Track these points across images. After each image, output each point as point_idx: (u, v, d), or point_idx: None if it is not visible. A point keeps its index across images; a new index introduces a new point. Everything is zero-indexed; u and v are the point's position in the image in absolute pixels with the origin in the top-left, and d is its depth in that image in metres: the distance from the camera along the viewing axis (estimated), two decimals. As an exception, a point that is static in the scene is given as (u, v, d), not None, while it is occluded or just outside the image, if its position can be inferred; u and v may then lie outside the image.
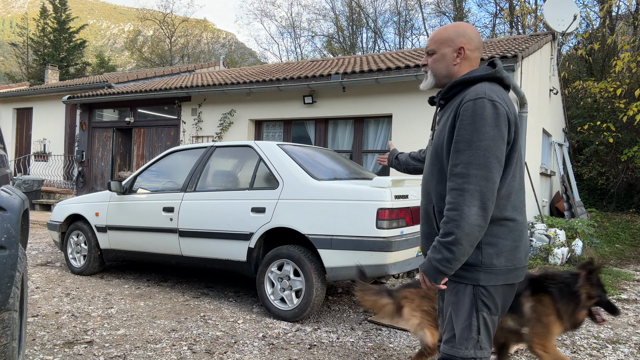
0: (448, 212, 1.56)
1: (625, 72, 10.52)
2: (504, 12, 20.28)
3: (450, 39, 1.73)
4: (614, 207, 12.99)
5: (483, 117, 1.54)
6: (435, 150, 1.71)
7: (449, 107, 1.71)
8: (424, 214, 1.80)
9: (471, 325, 1.63)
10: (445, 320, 1.71)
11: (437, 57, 1.76)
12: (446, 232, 1.55)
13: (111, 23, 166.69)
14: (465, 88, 1.67)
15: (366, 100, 8.33)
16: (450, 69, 1.74)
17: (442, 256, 1.56)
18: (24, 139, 15.32)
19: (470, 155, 1.53)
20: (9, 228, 1.94)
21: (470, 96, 1.59)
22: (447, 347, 1.66)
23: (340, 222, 3.69)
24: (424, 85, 1.81)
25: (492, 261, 1.62)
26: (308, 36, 41.39)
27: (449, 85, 1.72)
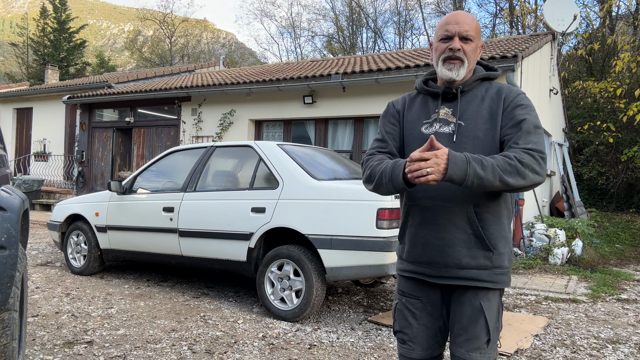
0: (525, 164, 1.49)
1: (625, 72, 10.52)
2: (504, 12, 20.28)
3: (480, 31, 1.69)
4: (614, 207, 12.99)
5: (534, 108, 1.67)
6: (477, 139, 1.61)
7: (474, 100, 1.66)
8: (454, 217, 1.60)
9: (498, 327, 1.65)
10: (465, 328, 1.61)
11: (474, 47, 1.66)
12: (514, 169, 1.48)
13: (111, 23, 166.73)
14: (482, 82, 1.71)
15: (366, 100, 8.34)
16: (475, 62, 1.71)
17: (485, 176, 1.45)
18: (24, 139, 15.32)
19: (539, 136, 1.59)
20: (9, 228, 1.94)
21: (515, 89, 1.68)
22: (479, 355, 1.60)
23: (340, 222, 3.69)
24: (458, 74, 1.64)
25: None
26: (308, 36, 41.41)
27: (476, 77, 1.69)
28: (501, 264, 1.61)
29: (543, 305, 4.65)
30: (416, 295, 1.71)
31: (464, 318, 1.61)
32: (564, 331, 3.85)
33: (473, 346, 1.59)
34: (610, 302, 4.86)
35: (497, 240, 1.61)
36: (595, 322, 4.15)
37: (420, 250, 1.66)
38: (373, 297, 4.78)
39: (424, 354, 1.70)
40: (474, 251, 1.59)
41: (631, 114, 8.54)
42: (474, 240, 1.59)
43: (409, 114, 1.75)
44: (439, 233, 1.61)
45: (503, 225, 1.63)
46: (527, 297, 4.94)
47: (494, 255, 1.60)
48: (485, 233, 1.59)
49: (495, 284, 1.61)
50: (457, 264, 1.60)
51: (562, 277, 5.93)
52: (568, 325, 4.01)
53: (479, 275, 1.60)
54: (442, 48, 1.65)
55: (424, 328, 1.69)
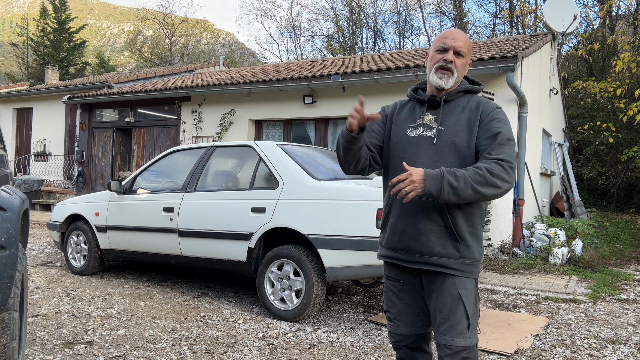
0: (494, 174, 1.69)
1: (625, 72, 10.52)
2: (504, 12, 20.28)
3: (471, 50, 1.93)
4: (614, 207, 12.99)
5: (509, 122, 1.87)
6: (454, 145, 1.82)
7: (455, 109, 1.88)
8: (429, 210, 1.80)
9: (476, 312, 1.83)
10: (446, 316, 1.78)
11: (464, 62, 1.89)
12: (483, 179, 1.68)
13: (111, 23, 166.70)
14: (465, 95, 1.92)
15: (366, 100, 8.29)
16: (462, 76, 1.92)
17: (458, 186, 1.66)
18: (24, 139, 15.33)
19: (510, 148, 1.77)
20: (9, 228, 1.94)
21: (492, 104, 1.89)
22: (462, 339, 1.76)
23: (340, 222, 3.69)
24: (447, 83, 1.86)
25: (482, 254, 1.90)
26: (308, 36, 41.38)
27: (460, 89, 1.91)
28: (469, 255, 1.81)
29: (543, 305, 4.65)
30: (397, 278, 1.95)
31: (445, 307, 1.79)
32: (564, 331, 3.85)
33: (456, 332, 1.76)
34: (610, 302, 4.86)
35: (465, 234, 1.80)
36: (595, 322, 4.15)
37: (397, 238, 1.89)
38: (373, 297, 4.78)
39: (408, 330, 1.93)
40: (444, 241, 1.80)
41: (631, 114, 8.54)
42: (444, 231, 1.80)
43: (398, 118, 1.98)
44: (415, 224, 1.83)
45: (473, 223, 1.83)
46: (527, 297, 4.94)
47: (462, 247, 1.80)
48: (455, 226, 1.79)
49: (464, 272, 1.80)
50: (429, 251, 1.81)
51: (562, 277, 5.93)
52: (568, 325, 4.01)
53: (448, 263, 1.80)
54: (438, 58, 1.87)
55: (406, 307, 1.92)
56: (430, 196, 1.67)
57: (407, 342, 1.94)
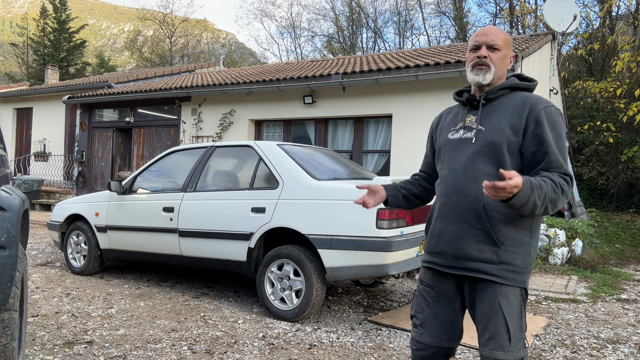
0: (564, 192, 1.64)
1: (625, 72, 10.52)
2: (504, 12, 20.28)
3: (510, 44, 1.85)
4: (614, 207, 12.99)
5: (562, 124, 1.75)
6: (493, 145, 1.73)
7: (499, 108, 1.79)
8: (466, 212, 1.72)
9: (522, 325, 1.70)
10: (486, 327, 1.69)
11: (502, 55, 1.82)
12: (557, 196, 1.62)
13: (111, 23, 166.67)
14: (512, 92, 1.82)
15: (366, 100, 8.34)
16: (504, 71, 1.85)
17: (539, 204, 1.58)
18: (24, 139, 15.32)
19: (567, 157, 1.71)
20: (9, 228, 1.94)
21: (541, 101, 1.75)
22: (502, 353, 1.65)
23: (340, 222, 3.69)
24: (485, 78, 1.80)
25: (532, 263, 1.75)
26: (308, 36, 41.39)
27: (502, 85, 1.82)
28: (510, 262, 1.69)
29: (543, 305, 4.65)
30: (431, 284, 1.86)
31: (484, 317, 1.70)
32: (564, 331, 3.85)
33: (496, 344, 1.66)
34: (610, 302, 4.86)
35: (506, 238, 1.68)
36: (595, 322, 4.15)
37: (435, 241, 1.83)
38: (373, 297, 4.78)
39: (432, 340, 1.82)
40: (482, 245, 1.70)
41: (631, 114, 8.53)
42: (481, 234, 1.70)
43: (443, 124, 1.96)
44: (451, 227, 1.76)
45: (517, 227, 1.70)
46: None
47: (502, 251, 1.68)
48: (493, 229, 1.68)
49: (505, 280, 1.68)
50: (465, 255, 1.72)
51: (562, 277, 5.93)
52: (568, 325, 4.01)
53: (486, 268, 1.69)
54: (472, 57, 1.84)
55: (434, 316, 1.83)
56: (511, 207, 1.57)
57: (427, 352, 1.84)
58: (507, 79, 1.86)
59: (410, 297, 4.81)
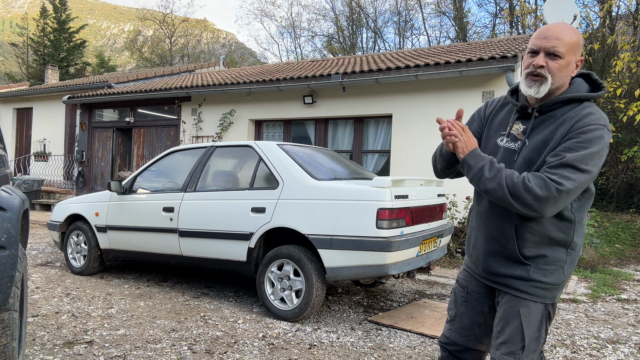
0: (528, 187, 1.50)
1: (625, 72, 10.51)
2: (504, 12, 20.29)
3: (578, 47, 1.58)
4: (614, 207, 12.99)
5: (600, 146, 1.51)
6: (532, 163, 1.60)
7: (549, 121, 1.61)
8: (496, 231, 1.68)
9: (540, 337, 1.65)
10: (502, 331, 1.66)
11: (563, 64, 1.57)
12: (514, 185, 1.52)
13: (111, 23, 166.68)
14: (569, 104, 1.60)
15: (366, 100, 8.34)
16: (566, 80, 1.61)
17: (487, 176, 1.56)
18: (24, 139, 15.33)
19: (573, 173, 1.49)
20: (9, 228, 1.94)
21: (590, 117, 1.53)
22: (511, 359, 1.63)
23: (340, 222, 3.69)
24: (539, 91, 1.59)
25: (565, 280, 1.67)
26: (308, 36, 41.39)
27: (559, 98, 1.60)
28: (540, 279, 1.62)
29: (543, 305, 4.65)
30: (464, 285, 1.86)
31: (502, 321, 1.68)
32: (564, 331, 3.85)
33: (507, 349, 1.63)
34: (610, 302, 4.86)
35: (538, 257, 1.62)
36: (595, 322, 4.15)
37: (471, 249, 1.83)
38: (373, 297, 4.78)
39: (459, 338, 1.83)
40: (510, 263, 1.66)
41: (631, 114, 8.53)
42: (508, 253, 1.66)
43: (493, 121, 1.80)
44: (483, 242, 1.74)
45: (548, 246, 1.62)
46: (527, 297, 4.94)
47: (532, 269, 1.62)
48: (522, 250, 1.62)
49: (534, 297, 1.63)
50: (494, 271, 1.71)
51: (562, 277, 5.92)
52: (568, 325, 4.01)
53: (516, 284, 1.66)
54: (527, 63, 1.62)
55: (462, 315, 1.83)
56: (462, 168, 1.63)
57: (453, 347, 1.85)
58: (572, 82, 1.64)
59: (410, 298, 4.82)
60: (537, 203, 1.48)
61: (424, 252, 4.01)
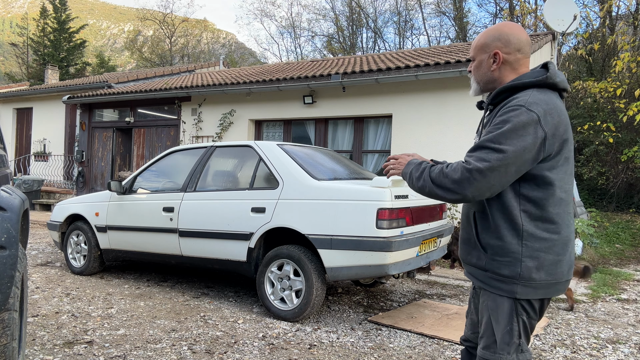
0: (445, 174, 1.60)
1: (625, 72, 10.52)
2: (504, 12, 20.29)
3: (486, 45, 1.74)
4: (614, 207, 12.99)
5: (513, 124, 1.52)
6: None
7: (494, 112, 1.71)
8: (464, 218, 1.80)
9: (512, 330, 1.65)
10: (481, 324, 1.74)
11: (476, 64, 1.79)
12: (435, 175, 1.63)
13: (111, 23, 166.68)
14: (513, 94, 1.64)
15: (366, 100, 8.34)
16: (489, 75, 1.74)
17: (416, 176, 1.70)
18: (24, 139, 15.33)
19: (485, 153, 1.54)
20: (9, 228, 1.94)
21: (511, 104, 1.58)
22: (488, 353, 1.67)
23: (340, 222, 3.69)
24: (471, 92, 1.85)
25: (532, 275, 1.60)
26: (308, 36, 41.40)
27: (495, 92, 1.71)
28: (494, 270, 1.65)
29: (543, 305, 4.65)
30: (473, 284, 1.89)
31: (479, 315, 1.77)
32: (564, 331, 3.85)
33: (484, 343, 1.71)
34: (610, 302, 4.86)
35: (488, 247, 1.67)
36: (595, 322, 4.15)
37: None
38: (373, 297, 4.78)
39: (470, 335, 1.92)
40: (475, 251, 1.73)
41: (631, 114, 8.53)
42: (474, 240, 1.74)
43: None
44: (462, 231, 1.83)
45: (499, 236, 1.63)
46: (527, 297, 4.94)
47: (487, 259, 1.67)
48: (478, 237, 1.72)
49: (489, 287, 1.68)
50: (466, 259, 1.80)
51: (562, 277, 5.92)
52: (568, 325, 4.01)
53: (477, 274, 1.74)
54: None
55: (471, 312, 1.92)
56: (404, 176, 1.78)
57: (468, 344, 1.94)
58: (524, 74, 1.69)
59: (410, 297, 4.82)
60: (454, 186, 1.57)
61: (424, 252, 4.01)
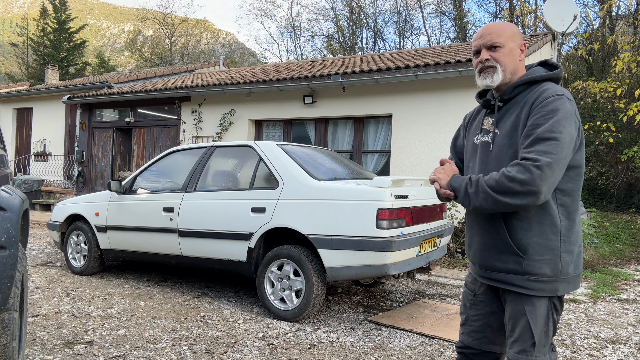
0: (510, 178, 1.52)
1: (625, 72, 10.52)
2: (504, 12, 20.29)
3: (515, 35, 1.72)
4: (614, 207, 12.99)
5: (563, 112, 1.55)
6: (506, 149, 1.66)
7: (514, 107, 1.69)
8: (487, 223, 1.71)
9: (548, 330, 1.66)
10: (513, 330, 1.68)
11: (506, 51, 1.69)
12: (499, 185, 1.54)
13: (111, 23, 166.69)
14: (529, 87, 1.68)
15: (366, 100, 8.34)
16: (516, 65, 1.72)
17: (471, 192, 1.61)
18: (24, 139, 15.32)
19: (547, 145, 1.52)
20: (9, 228, 1.94)
21: (550, 91, 1.60)
22: (525, 357, 1.64)
23: (340, 222, 3.69)
24: (493, 80, 1.71)
25: (568, 270, 1.63)
26: (308, 36, 41.41)
27: (515, 83, 1.70)
28: (534, 271, 1.61)
29: (543, 305, 4.65)
30: (471, 288, 1.88)
31: (511, 320, 1.69)
32: (564, 331, 3.85)
33: (519, 348, 1.66)
34: (610, 302, 4.86)
35: (529, 247, 1.61)
36: (595, 322, 4.15)
37: (467, 250, 1.86)
38: (373, 297, 4.78)
39: (472, 342, 1.85)
40: (504, 255, 1.66)
41: (631, 114, 8.53)
42: (502, 244, 1.66)
43: (471, 126, 1.91)
44: (477, 237, 1.76)
45: (537, 232, 1.61)
46: (527, 297, 4.93)
47: (525, 262, 1.62)
48: (513, 239, 1.63)
49: (530, 290, 1.63)
50: (490, 266, 1.72)
51: (562, 277, 5.92)
52: (568, 325, 4.01)
53: (510, 279, 1.66)
54: (475, 63, 1.77)
55: (472, 318, 1.86)
56: (451, 197, 1.69)
57: (469, 351, 1.87)
58: (530, 69, 1.75)
59: (410, 297, 4.82)
60: (526, 187, 1.50)
61: (424, 252, 4.01)
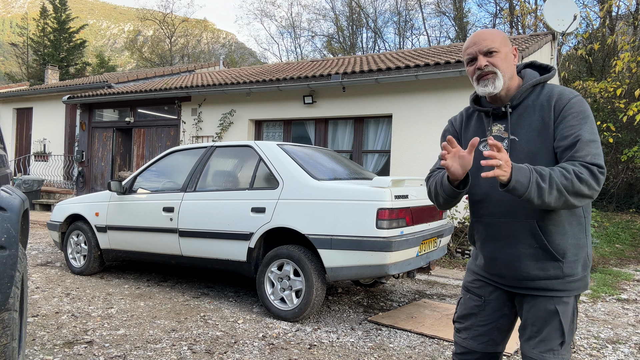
0: (582, 180, 1.48)
1: (625, 72, 10.52)
2: (504, 12, 20.30)
3: (506, 39, 1.71)
4: (614, 207, 12.99)
5: (590, 113, 1.59)
6: (533, 155, 1.60)
7: (527, 112, 1.65)
8: (518, 233, 1.64)
9: (573, 328, 1.67)
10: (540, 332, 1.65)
11: (503, 56, 1.67)
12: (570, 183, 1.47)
13: (111, 23, 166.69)
14: (533, 90, 1.69)
15: (366, 100, 8.34)
16: (513, 69, 1.70)
17: (544, 187, 1.46)
18: (24, 139, 15.33)
19: (597, 148, 1.54)
20: (9, 228, 1.94)
21: (566, 94, 1.61)
22: (552, 356, 1.63)
23: (340, 222, 3.69)
24: (495, 87, 1.66)
25: (591, 263, 1.69)
26: (308, 36, 41.43)
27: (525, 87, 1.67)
28: (573, 272, 1.63)
29: (543, 305, 4.65)
30: (479, 294, 1.80)
31: (539, 321, 1.65)
32: (564, 331, 3.84)
33: (546, 347, 1.63)
34: (610, 302, 4.85)
35: (566, 249, 1.61)
36: (595, 322, 4.15)
37: (489, 263, 1.74)
38: (373, 297, 4.78)
39: (476, 346, 1.80)
40: (542, 263, 1.62)
41: (631, 114, 8.53)
42: (541, 253, 1.62)
43: (467, 134, 1.80)
44: (505, 249, 1.67)
45: (570, 234, 1.61)
46: (527, 297, 4.94)
47: (565, 265, 1.62)
48: (552, 245, 1.61)
49: (570, 292, 1.64)
50: (526, 276, 1.65)
51: (562, 277, 5.92)
52: (568, 325, 4.01)
53: (552, 285, 1.63)
54: (471, 70, 1.71)
55: (480, 322, 1.79)
56: (513, 190, 1.46)
57: (472, 356, 1.83)
58: (523, 73, 1.74)
59: (410, 297, 4.81)
60: (593, 191, 1.51)
61: (424, 252, 4.01)
